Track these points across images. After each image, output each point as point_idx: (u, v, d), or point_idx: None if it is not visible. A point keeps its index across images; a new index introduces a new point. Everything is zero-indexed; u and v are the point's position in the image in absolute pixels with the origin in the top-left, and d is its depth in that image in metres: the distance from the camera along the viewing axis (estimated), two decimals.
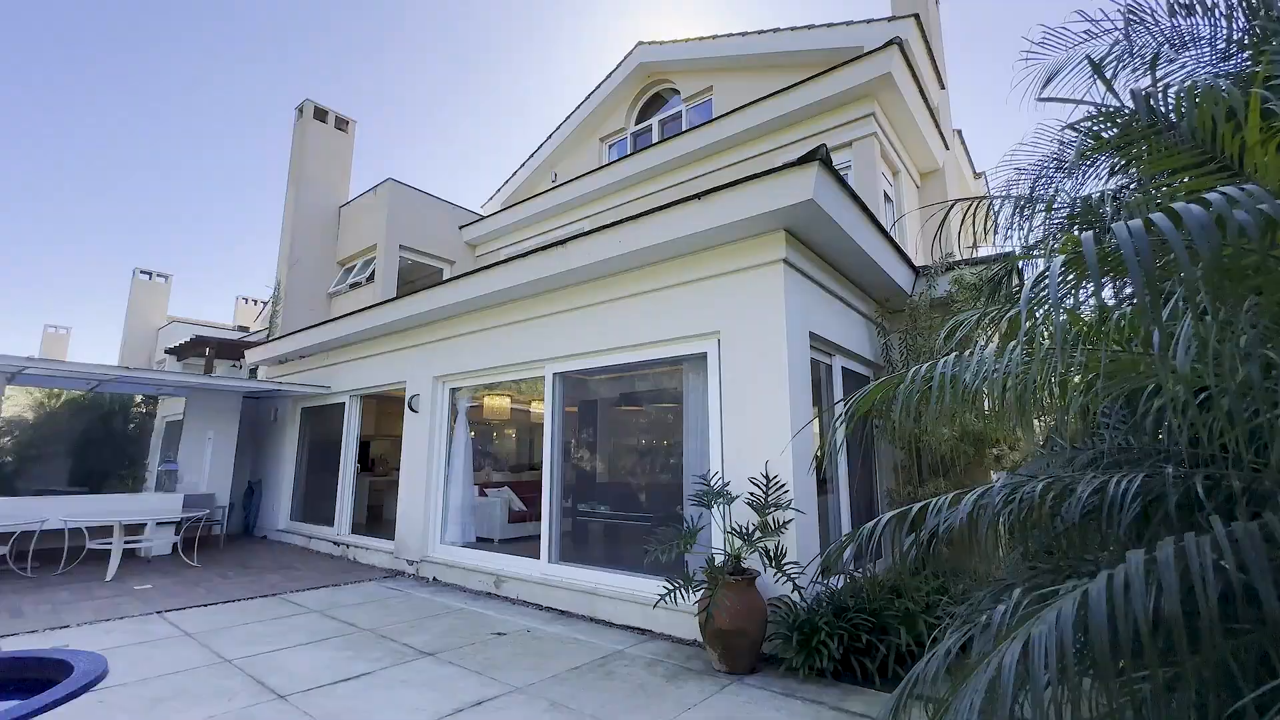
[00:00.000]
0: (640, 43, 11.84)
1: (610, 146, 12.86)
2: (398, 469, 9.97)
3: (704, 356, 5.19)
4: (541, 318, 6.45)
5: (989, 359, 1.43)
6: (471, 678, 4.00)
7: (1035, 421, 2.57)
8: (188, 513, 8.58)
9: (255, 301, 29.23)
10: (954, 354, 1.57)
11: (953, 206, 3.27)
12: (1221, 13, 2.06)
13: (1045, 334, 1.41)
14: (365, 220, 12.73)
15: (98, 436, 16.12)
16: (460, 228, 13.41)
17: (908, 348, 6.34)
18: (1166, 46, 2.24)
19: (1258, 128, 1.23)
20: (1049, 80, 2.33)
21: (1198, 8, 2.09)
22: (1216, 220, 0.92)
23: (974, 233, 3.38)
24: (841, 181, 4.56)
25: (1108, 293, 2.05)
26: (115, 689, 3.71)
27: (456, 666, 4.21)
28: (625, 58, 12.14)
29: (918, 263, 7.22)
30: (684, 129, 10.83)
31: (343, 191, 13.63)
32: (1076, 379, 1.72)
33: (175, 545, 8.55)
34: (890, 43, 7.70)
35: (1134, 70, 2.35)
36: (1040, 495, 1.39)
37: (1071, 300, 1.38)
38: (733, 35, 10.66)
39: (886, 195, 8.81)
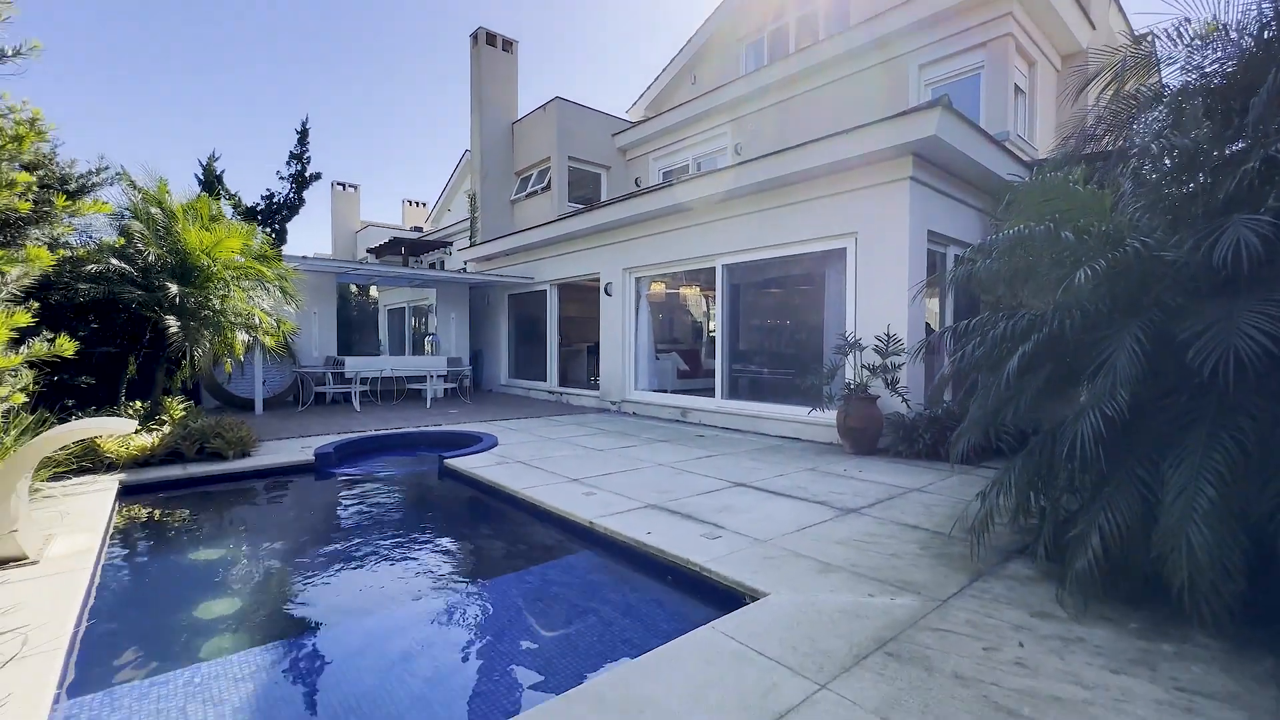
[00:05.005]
0: None
1: (748, 46, 13.80)
2: (578, 341, 13.11)
3: (844, 251, 7.14)
4: (713, 221, 8.58)
5: (987, 263, 3.39)
6: (694, 448, 6.78)
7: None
8: (452, 369, 12.28)
9: (418, 204, 33.60)
10: (972, 260, 3.55)
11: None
12: None
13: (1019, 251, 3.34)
14: (536, 135, 15.05)
15: (343, 319, 21.15)
16: (612, 135, 15.35)
17: None
18: None
19: None
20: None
21: None
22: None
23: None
24: (960, 116, 6.06)
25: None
26: (504, 446, 6.91)
27: (681, 445, 7.02)
28: None
29: (1050, 143, 8.32)
30: (820, 35, 11.65)
31: (512, 109, 15.91)
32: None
33: (446, 391, 12.40)
34: None
35: None
36: (1017, 321, 3.42)
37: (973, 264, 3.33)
38: None
39: (1018, 88, 9.53)
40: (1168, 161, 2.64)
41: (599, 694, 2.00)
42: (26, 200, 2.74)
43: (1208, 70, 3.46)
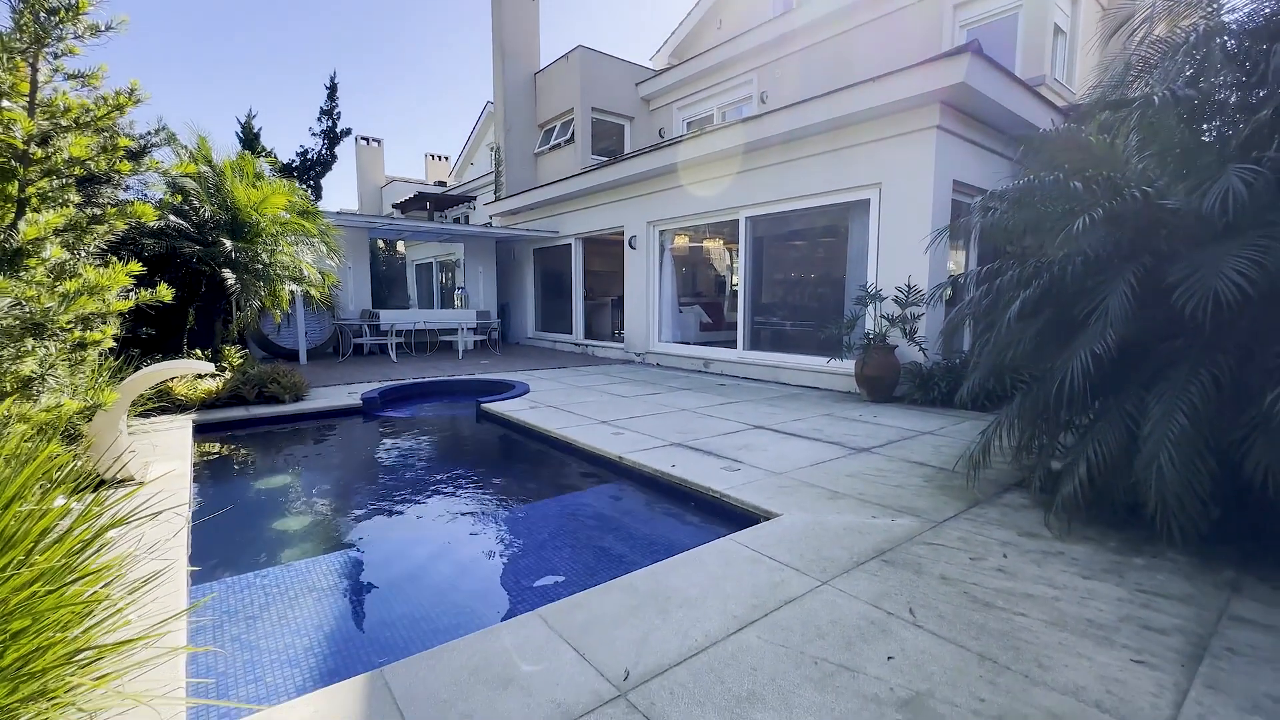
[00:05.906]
0: None
1: None
2: (602, 295, 13.35)
3: (867, 202, 7.17)
4: (737, 174, 8.62)
5: (1000, 215, 3.51)
6: (716, 395, 7.09)
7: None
8: (481, 322, 12.69)
9: (441, 158, 33.53)
10: (988, 209, 3.67)
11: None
12: None
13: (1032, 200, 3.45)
14: (559, 86, 14.90)
15: (373, 274, 21.68)
16: (636, 85, 15.11)
17: None
18: None
19: None
20: None
21: None
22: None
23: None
24: (991, 61, 5.97)
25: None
26: (536, 393, 7.30)
27: (703, 393, 7.33)
28: None
29: (1087, 86, 8.08)
30: None
31: (535, 59, 15.69)
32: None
33: (476, 343, 12.85)
34: None
35: None
36: (1025, 269, 3.57)
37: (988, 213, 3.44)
38: None
39: (1058, 28, 9.16)
40: (1170, 113, 2.72)
41: (631, 584, 2.37)
42: (126, 162, 3.07)
43: (1239, 12, 3.46)
